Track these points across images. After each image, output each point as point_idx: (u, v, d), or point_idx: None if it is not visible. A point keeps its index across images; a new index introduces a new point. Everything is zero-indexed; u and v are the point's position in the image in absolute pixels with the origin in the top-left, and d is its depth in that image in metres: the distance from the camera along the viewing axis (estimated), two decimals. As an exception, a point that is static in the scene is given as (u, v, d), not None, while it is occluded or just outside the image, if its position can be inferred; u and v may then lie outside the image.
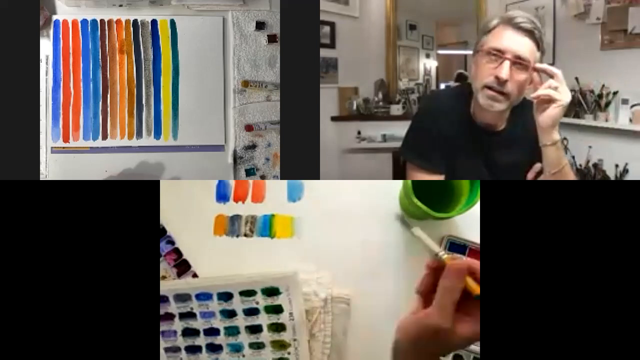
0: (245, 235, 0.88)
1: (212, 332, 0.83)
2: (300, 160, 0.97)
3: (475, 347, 0.83)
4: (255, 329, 0.83)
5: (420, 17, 2.27)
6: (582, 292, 0.73)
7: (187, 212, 0.88)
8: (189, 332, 0.84)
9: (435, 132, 0.85)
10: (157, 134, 1.01)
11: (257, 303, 0.82)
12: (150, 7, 1.01)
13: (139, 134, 1.01)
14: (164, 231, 0.87)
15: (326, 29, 1.96)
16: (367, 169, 1.98)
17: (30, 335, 0.72)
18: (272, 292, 0.82)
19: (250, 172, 1.02)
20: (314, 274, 0.85)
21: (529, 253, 0.74)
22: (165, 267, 0.86)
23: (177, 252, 0.87)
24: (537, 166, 0.83)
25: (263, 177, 1.01)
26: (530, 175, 0.84)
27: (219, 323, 0.83)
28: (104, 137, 1.00)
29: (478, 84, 0.80)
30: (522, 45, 0.77)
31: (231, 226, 0.88)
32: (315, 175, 0.94)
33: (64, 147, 0.99)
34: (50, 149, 0.99)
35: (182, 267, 0.86)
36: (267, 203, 0.90)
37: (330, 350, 0.83)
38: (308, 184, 0.90)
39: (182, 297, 0.83)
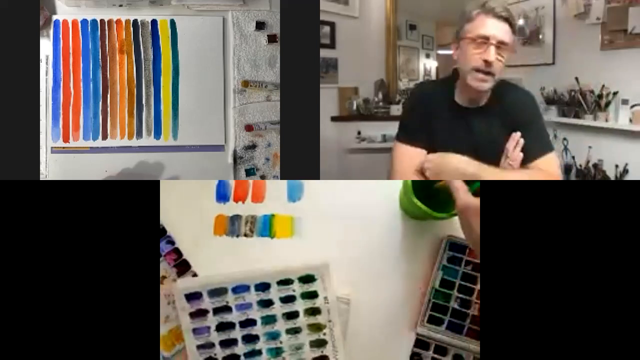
0: (245, 235, 0.88)
1: (249, 323, 0.85)
2: (300, 160, 0.97)
3: (475, 347, 0.83)
4: (291, 315, 0.85)
5: (420, 17, 2.27)
6: (582, 292, 0.73)
7: (187, 212, 0.88)
8: (223, 327, 0.85)
9: (417, 109, 0.92)
10: (157, 134, 1.01)
11: (294, 290, 0.85)
12: (150, 7, 1.01)
13: (139, 134, 1.01)
14: (164, 231, 0.87)
15: (326, 29, 1.95)
16: (367, 169, 1.98)
17: (30, 335, 0.72)
18: (308, 279, 0.85)
19: (250, 172, 1.02)
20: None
21: (529, 253, 0.74)
22: (165, 267, 0.86)
23: (177, 252, 0.87)
24: (516, 136, 0.88)
25: (263, 177, 1.01)
26: (510, 145, 0.88)
27: (255, 313, 0.85)
28: (104, 137, 1.00)
29: (467, 67, 0.87)
30: (502, 31, 0.87)
31: (231, 226, 0.89)
32: (315, 175, 0.94)
33: (64, 147, 0.99)
34: (50, 149, 0.99)
35: (182, 267, 0.86)
36: (267, 203, 0.90)
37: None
38: (308, 184, 0.90)
39: (217, 292, 0.85)
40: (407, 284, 0.87)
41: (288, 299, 0.85)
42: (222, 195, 0.90)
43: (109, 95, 1.00)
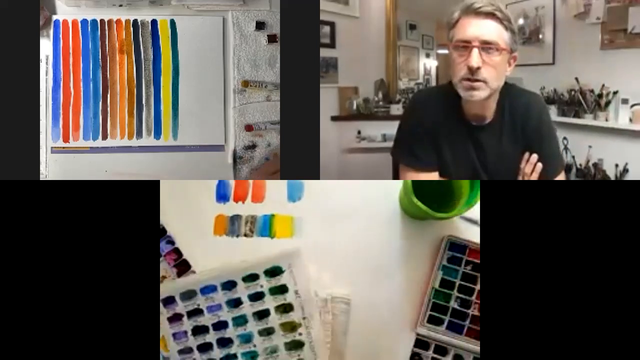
0: (245, 235, 0.88)
1: (221, 325, 0.82)
2: (300, 160, 0.97)
3: (475, 347, 0.83)
4: (262, 314, 0.81)
5: (420, 17, 2.27)
6: (582, 292, 0.73)
7: (187, 212, 0.88)
8: (198, 331, 0.83)
9: (421, 130, 0.85)
10: (157, 134, 1.01)
11: (262, 286, 0.81)
12: (150, 7, 1.01)
13: (139, 134, 1.01)
14: (164, 231, 0.87)
15: (326, 29, 1.95)
16: (367, 169, 1.98)
17: (30, 335, 0.72)
18: (274, 272, 0.81)
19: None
20: (314, 274, 0.85)
21: (529, 253, 0.74)
22: (165, 267, 0.86)
23: (177, 252, 0.87)
24: (533, 158, 0.83)
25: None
26: (527, 169, 0.84)
27: (226, 314, 0.82)
28: (104, 137, 1.00)
29: (456, 79, 0.80)
30: (486, 29, 0.77)
31: (231, 226, 0.89)
32: (315, 175, 0.94)
33: (64, 147, 0.99)
34: (50, 149, 0.99)
35: (182, 267, 0.86)
36: (267, 203, 0.90)
37: (330, 350, 0.83)
38: (308, 184, 0.90)
39: (187, 295, 0.83)
40: (407, 284, 0.87)
41: (257, 297, 0.81)
42: (222, 195, 0.90)
43: (109, 95, 1.00)
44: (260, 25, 1.02)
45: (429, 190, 0.83)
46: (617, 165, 1.44)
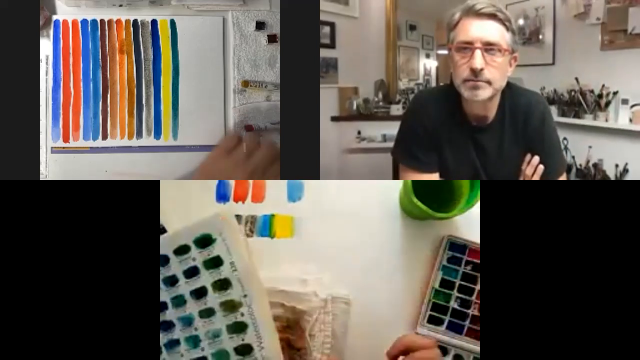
0: (246, 235, 0.88)
1: (161, 307, 0.72)
2: (300, 160, 0.97)
3: (475, 347, 0.83)
4: (200, 293, 0.69)
5: (420, 17, 2.27)
6: (583, 292, 0.73)
7: (187, 212, 0.88)
8: None
9: (422, 131, 0.85)
10: (157, 134, 1.01)
11: (194, 259, 0.69)
12: (150, 7, 1.01)
13: (139, 134, 1.01)
14: (164, 231, 0.87)
15: (326, 29, 1.95)
16: (367, 169, 1.98)
17: (30, 335, 0.72)
18: (205, 241, 0.69)
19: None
20: (314, 274, 0.85)
21: (529, 253, 0.74)
22: (165, 267, 0.86)
23: (177, 252, 0.87)
24: (535, 160, 0.83)
25: (263, 177, 1.01)
26: (529, 171, 0.84)
27: (164, 295, 0.71)
28: (104, 137, 1.00)
29: (458, 81, 0.80)
30: (488, 30, 0.77)
31: (231, 226, 0.88)
32: (315, 175, 0.94)
33: (64, 147, 0.99)
34: (50, 149, 0.99)
35: (182, 267, 0.86)
36: (267, 203, 0.90)
37: (330, 350, 0.83)
38: (308, 184, 0.90)
39: None
40: (407, 284, 0.87)
41: (191, 272, 0.69)
42: (222, 195, 0.90)
43: (109, 95, 1.00)
44: (260, 25, 1.02)
45: (429, 190, 0.83)
46: (617, 166, 1.44)
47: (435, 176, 0.87)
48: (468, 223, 0.86)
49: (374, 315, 0.85)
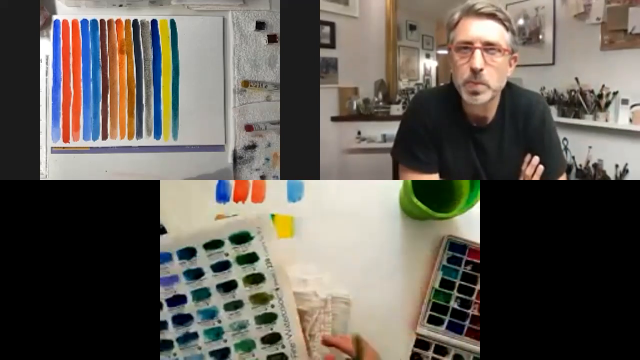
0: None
1: (177, 300, 0.72)
2: (300, 160, 0.97)
3: (475, 347, 0.83)
4: (228, 287, 0.72)
5: (420, 17, 2.27)
6: (582, 292, 0.73)
7: (187, 212, 0.88)
8: None
9: (422, 131, 0.85)
10: (157, 134, 1.01)
11: (227, 255, 0.72)
12: (150, 7, 1.01)
13: (139, 134, 1.01)
14: (164, 231, 0.87)
15: (326, 29, 1.95)
16: (367, 169, 1.98)
17: (30, 335, 0.72)
18: (241, 238, 0.72)
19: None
20: (314, 274, 0.85)
21: (529, 253, 0.74)
22: (165, 267, 0.86)
23: (177, 252, 0.87)
24: (535, 160, 0.83)
25: (263, 177, 1.01)
26: (529, 171, 0.83)
27: (183, 288, 0.72)
28: (104, 137, 1.00)
29: (459, 82, 0.80)
30: (488, 30, 0.77)
31: (231, 226, 0.88)
32: (315, 175, 0.94)
33: (64, 147, 0.99)
34: (50, 149, 0.99)
35: (182, 267, 0.86)
36: (267, 203, 0.90)
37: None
38: (308, 184, 0.90)
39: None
40: (407, 284, 0.87)
41: (221, 266, 0.72)
42: (222, 195, 0.90)
43: (109, 95, 1.00)
44: (260, 25, 1.02)
45: (429, 190, 0.83)
46: (617, 166, 1.44)
47: (435, 176, 0.86)
48: (468, 223, 0.86)
49: (374, 315, 0.85)
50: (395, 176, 0.93)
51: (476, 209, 0.76)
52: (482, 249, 0.78)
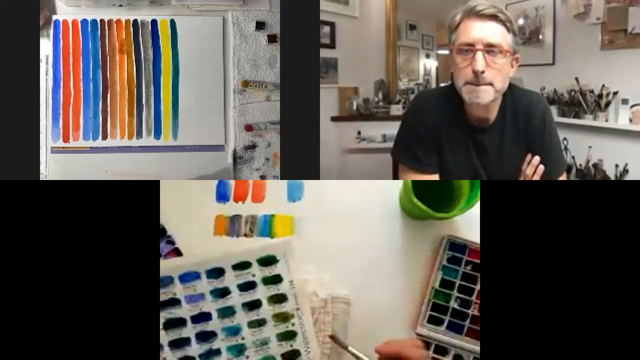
0: (245, 235, 0.88)
1: (202, 317, 0.76)
2: (300, 160, 0.97)
3: (475, 347, 0.83)
4: (253, 305, 0.76)
5: (420, 17, 2.27)
6: (582, 292, 0.73)
7: (187, 212, 0.88)
8: (172, 324, 0.76)
9: (422, 131, 0.85)
10: (157, 134, 1.01)
11: (254, 275, 0.76)
12: (150, 7, 1.01)
13: (139, 134, 1.01)
14: (164, 231, 0.87)
15: (326, 29, 1.95)
16: (367, 169, 1.98)
17: (30, 335, 0.72)
18: (268, 261, 0.77)
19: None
20: (314, 274, 0.85)
21: (529, 253, 0.74)
22: (165, 267, 0.86)
23: (177, 252, 0.87)
24: (535, 160, 0.83)
25: (263, 177, 1.01)
26: (529, 171, 0.84)
27: (209, 306, 0.76)
28: (104, 137, 1.00)
29: (460, 83, 0.80)
30: (489, 32, 0.77)
31: (231, 226, 0.88)
32: (315, 175, 0.94)
33: (64, 147, 0.99)
34: (50, 149, 0.99)
35: (182, 267, 0.86)
36: (267, 203, 0.90)
37: (330, 350, 0.83)
38: (308, 184, 0.90)
39: (162, 282, 0.76)
40: (407, 284, 0.87)
41: (247, 286, 0.76)
42: (222, 195, 0.90)
43: (109, 95, 1.00)
44: (260, 25, 1.02)
45: (429, 190, 0.83)
46: (617, 166, 1.44)
47: (435, 176, 0.86)
48: (468, 223, 0.86)
49: (374, 315, 0.85)
50: (395, 176, 0.93)
51: (476, 209, 0.76)
52: (482, 249, 0.78)
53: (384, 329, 0.85)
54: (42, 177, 0.98)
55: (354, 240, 0.87)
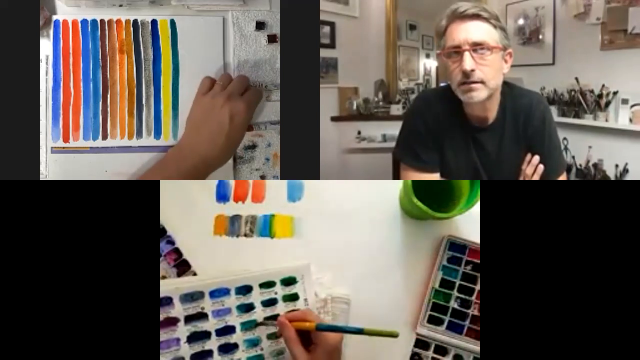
0: (245, 235, 0.88)
1: (226, 331, 0.81)
2: (300, 160, 0.97)
3: (475, 347, 0.83)
4: (273, 319, 0.82)
5: (420, 17, 2.27)
6: (582, 292, 0.73)
7: (187, 212, 0.88)
8: (197, 337, 0.79)
9: (424, 130, 0.85)
10: (157, 134, 1.01)
11: (276, 293, 0.83)
12: (150, 7, 1.01)
13: (139, 134, 1.01)
14: (164, 231, 0.87)
15: (326, 29, 1.96)
16: (367, 169, 1.98)
17: (30, 335, 0.72)
18: (290, 281, 0.83)
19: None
20: (313, 274, 0.85)
21: (529, 253, 0.74)
22: (165, 267, 0.86)
23: (177, 252, 0.87)
24: (535, 159, 0.83)
25: (263, 177, 1.01)
26: (529, 171, 0.84)
27: (234, 319, 0.81)
28: (104, 137, 1.00)
29: (454, 85, 0.81)
30: (473, 31, 0.78)
31: (231, 226, 0.89)
32: (315, 175, 0.94)
33: (64, 147, 0.99)
34: (50, 149, 0.99)
35: (182, 267, 0.86)
36: (267, 203, 0.90)
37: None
38: (308, 184, 0.90)
39: (192, 297, 0.80)
40: (407, 284, 0.87)
41: (270, 303, 0.82)
42: (222, 195, 0.90)
43: (109, 95, 1.00)
44: (260, 25, 1.02)
45: (429, 190, 0.83)
46: (617, 166, 1.45)
47: (436, 176, 0.87)
48: (468, 223, 0.86)
49: (374, 315, 0.85)
50: (395, 176, 0.94)
51: (476, 209, 0.76)
52: (482, 249, 0.78)
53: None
54: (42, 177, 0.98)
55: (354, 240, 0.87)
